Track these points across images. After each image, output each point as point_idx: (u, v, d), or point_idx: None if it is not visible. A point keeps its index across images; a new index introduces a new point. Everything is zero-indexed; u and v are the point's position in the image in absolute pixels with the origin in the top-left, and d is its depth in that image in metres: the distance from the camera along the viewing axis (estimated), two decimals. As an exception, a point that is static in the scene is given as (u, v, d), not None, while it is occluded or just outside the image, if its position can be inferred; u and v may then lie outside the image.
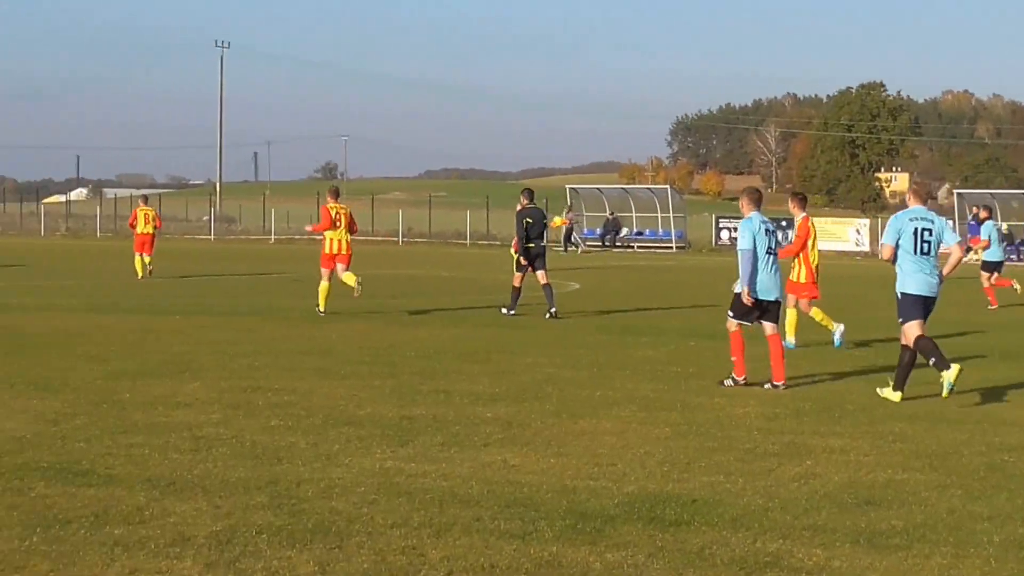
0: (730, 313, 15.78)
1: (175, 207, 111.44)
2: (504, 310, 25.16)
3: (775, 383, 15.37)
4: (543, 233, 25.83)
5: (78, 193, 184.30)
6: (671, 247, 75.23)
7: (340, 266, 25.48)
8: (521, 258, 25.28)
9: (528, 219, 25.32)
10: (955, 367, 14.01)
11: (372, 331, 21.41)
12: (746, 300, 15.49)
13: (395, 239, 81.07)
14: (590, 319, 24.98)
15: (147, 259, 37.47)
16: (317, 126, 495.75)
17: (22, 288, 31.25)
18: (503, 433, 12.06)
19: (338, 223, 25.69)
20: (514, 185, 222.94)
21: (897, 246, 14.54)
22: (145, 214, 38.63)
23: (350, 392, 14.41)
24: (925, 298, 14.52)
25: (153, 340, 19.54)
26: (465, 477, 10.05)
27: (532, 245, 25.26)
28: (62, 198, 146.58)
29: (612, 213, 77.62)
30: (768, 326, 15.71)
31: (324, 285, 25.08)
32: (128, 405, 13.22)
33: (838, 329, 19.93)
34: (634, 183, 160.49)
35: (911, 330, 14.43)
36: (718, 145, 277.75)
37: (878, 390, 14.68)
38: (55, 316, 23.38)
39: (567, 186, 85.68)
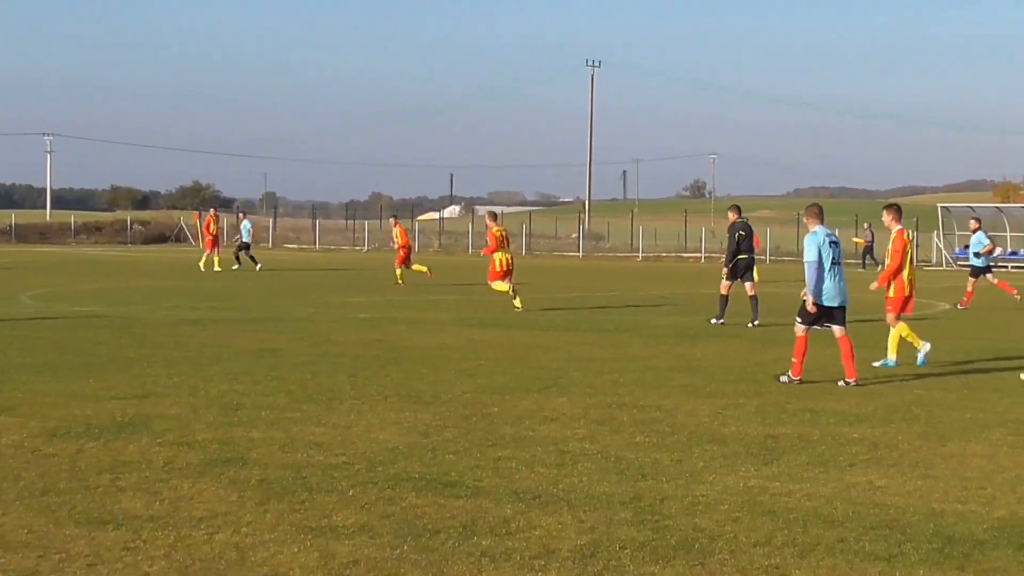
0: (798, 319, 17.11)
1: (544, 224, 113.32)
2: (713, 320, 26.66)
3: (847, 380, 16.73)
4: (752, 246, 27.79)
5: (451, 210, 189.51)
6: (1047, 267, 72.33)
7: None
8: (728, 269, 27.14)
9: (740, 232, 27.15)
10: None
11: (740, 349, 21.30)
12: (810, 308, 16.90)
13: (762, 257, 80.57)
14: (960, 340, 24.27)
15: (418, 268, 42.35)
16: (686, 144, 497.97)
17: (398, 303, 32.26)
18: (869, 454, 11.84)
19: (504, 244, 30.17)
20: (883, 204, 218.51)
21: None
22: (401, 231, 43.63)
23: (715, 410, 14.37)
24: None
25: (522, 355, 19.90)
26: (830, 497, 9.91)
27: (744, 256, 27.10)
28: (436, 215, 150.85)
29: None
30: (837, 329, 17.12)
31: (502, 285, 30.15)
32: (496, 419, 13.50)
33: (923, 347, 19.37)
34: (1008, 202, 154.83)
35: None
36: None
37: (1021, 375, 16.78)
38: (428, 330, 24.06)
39: (938, 204, 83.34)
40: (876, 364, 18.95)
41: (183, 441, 11.86)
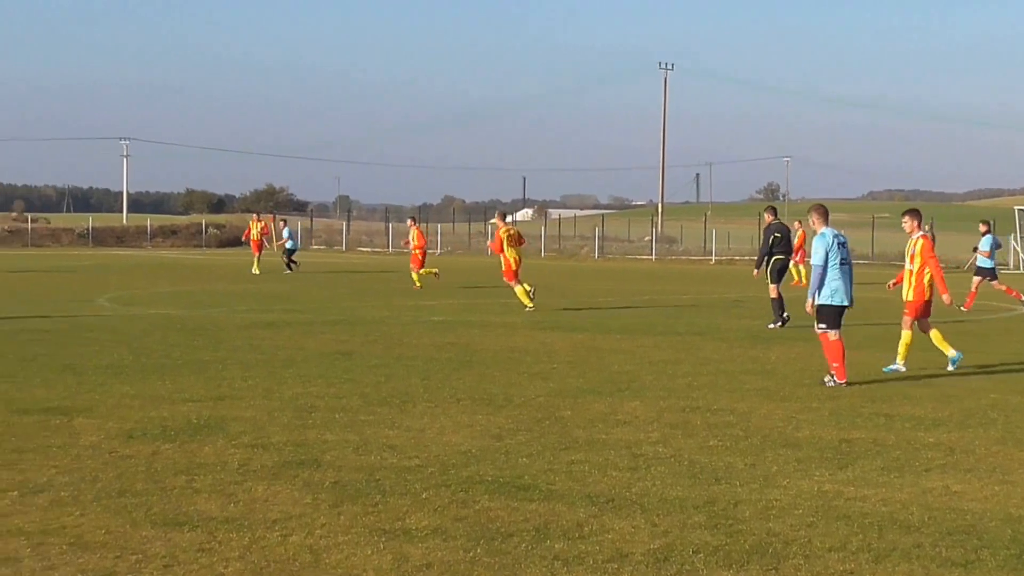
0: (823, 326, 17.09)
1: (617, 227, 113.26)
2: (771, 324, 26.53)
3: (835, 376, 16.77)
4: (790, 247, 28.34)
5: (523, 213, 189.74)
6: None
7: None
8: (760, 270, 27.74)
9: (776, 234, 27.65)
10: None
11: (813, 353, 21.14)
12: (808, 310, 17.24)
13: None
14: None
15: (428, 270, 41.64)
16: (759, 147, 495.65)
17: (471, 306, 32.31)
18: (945, 459, 11.73)
19: (512, 243, 31.37)
20: (960, 207, 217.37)
21: None
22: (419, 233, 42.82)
23: (789, 414, 14.30)
24: None
25: (595, 358, 19.88)
26: (905, 502, 9.83)
27: (781, 257, 27.49)
28: (508, 218, 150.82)
29: (1065, 235, 74.19)
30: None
31: (520, 289, 31.01)
32: (569, 422, 13.49)
33: (899, 365, 18.64)
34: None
35: None
36: None
37: None
38: (501, 333, 24.09)
39: (1016, 207, 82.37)
40: (949, 368, 18.73)
41: (258, 443, 11.95)
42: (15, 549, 8.18)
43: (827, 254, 17.14)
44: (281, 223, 56.09)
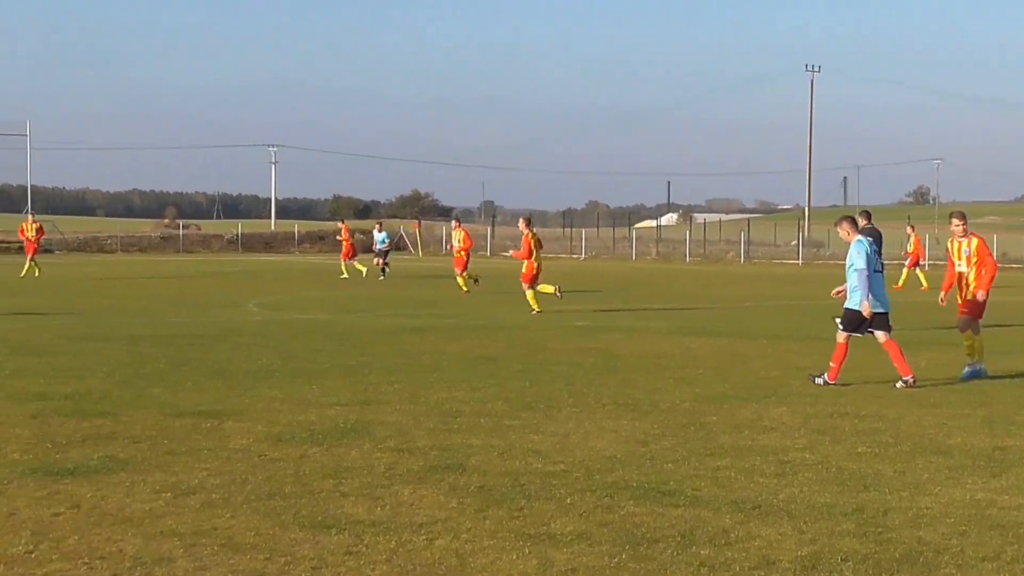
0: (840, 326, 17.45)
1: (763, 231, 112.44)
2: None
3: (904, 379, 16.85)
4: (880, 251, 27.21)
5: (668, 218, 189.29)
6: None
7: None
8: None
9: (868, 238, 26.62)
10: None
11: (962, 360, 20.80)
12: (866, 313, 17.09)
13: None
14: None
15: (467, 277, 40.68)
16: (909, 150, 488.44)
17: (614, 312, 32.25)
18: (1102, 467, 11.45)
19: (539, 247, 31.81)
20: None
21: None
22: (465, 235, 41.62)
23: (940, 420, 14.07)
24: None
25: (740, 363, 19.74)
26: (1061, 512, 9.62)
27: None
28: (653, 223, 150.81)
29: None
30: (880, 335, 17.37)
31: (531, 292, 31.27)
32: (715, 428, 13.41)
33: (977, 364, 18.33)
34: None
35: None
36: None
37: None
38: (646, 338, 24.01)
39: None
40: (967, 372, 18.43)
41: (403, 447, 12.03)
42: (169, 549, 8.32)
43: (868, 257, 17.29)
44: (376, 225, 57.11)
